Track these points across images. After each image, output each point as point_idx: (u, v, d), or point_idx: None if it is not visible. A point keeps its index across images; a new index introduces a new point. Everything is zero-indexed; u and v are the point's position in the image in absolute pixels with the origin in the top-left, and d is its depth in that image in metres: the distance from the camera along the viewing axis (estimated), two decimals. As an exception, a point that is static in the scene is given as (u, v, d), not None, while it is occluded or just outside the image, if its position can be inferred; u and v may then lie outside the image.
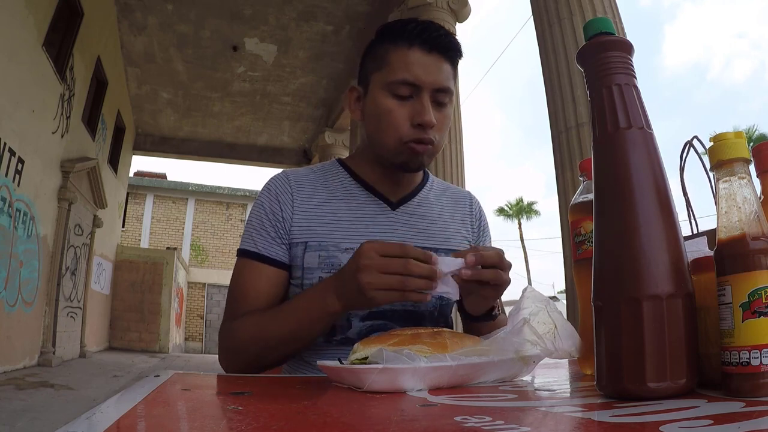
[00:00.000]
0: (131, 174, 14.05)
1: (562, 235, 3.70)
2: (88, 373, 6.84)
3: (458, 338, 0.64)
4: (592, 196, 0.53)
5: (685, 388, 0.45)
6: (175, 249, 14.88)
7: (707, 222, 0.62)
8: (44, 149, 6.60)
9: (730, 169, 0.48)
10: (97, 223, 9.41)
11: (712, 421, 0.35)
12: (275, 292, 0.93)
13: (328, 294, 0.79)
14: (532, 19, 4.44)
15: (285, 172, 1.01)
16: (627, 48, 0.52)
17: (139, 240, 16.60)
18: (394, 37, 0.91)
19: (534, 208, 32.27)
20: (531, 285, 0.71)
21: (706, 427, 0.34)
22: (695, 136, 0.66)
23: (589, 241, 0.71)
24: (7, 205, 5.68)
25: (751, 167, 0.49)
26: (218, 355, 0.94)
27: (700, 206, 0.77)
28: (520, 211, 32.10)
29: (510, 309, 0.69)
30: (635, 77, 0.52)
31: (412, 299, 0.72)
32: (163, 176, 19.26)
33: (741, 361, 0.43)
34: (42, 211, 6.76)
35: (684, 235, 0.50)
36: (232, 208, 18.03)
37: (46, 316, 7.13)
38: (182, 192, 17.57)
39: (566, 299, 3.59)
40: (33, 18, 5.84)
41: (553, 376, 0.73)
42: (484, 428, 0.35)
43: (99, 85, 8.83)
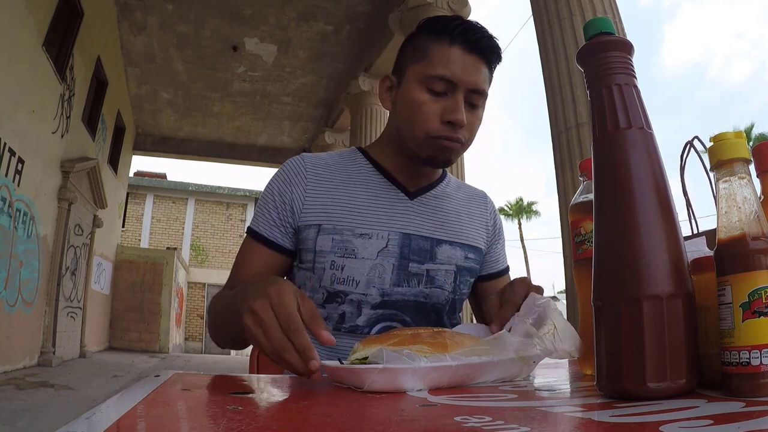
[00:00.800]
0: (131, 174, 14.05)
1: (562, 235, 3.69)
2: (88, 373, 6.84)
3: (458, 338, 0.64)
4: (592, 196, 0.53)
5: (685, 388, 0.45)
6: (175, 249, 14.88)
7: (707, 222, 0.62)
8: (44, 149, 6.60)
9: (730, 169, 0.48)
10: (97, 223, 9.41)
11: (712, 421, 0.35)
12: (267, 273, 0.93)
13: (241, 301, 0.66)
14: (532, 19, 4.44)
15: (302, 154, 1.02)
16: (627, 48, 0.52)
17: (139, 240, 16.59)
18: (437, 33, 0.91)
19: (534, 208, 32.33)
20: (531, 285, 0.71)
21: (706, 427, 0.34)
22: (696, 137, 0.66)
23: (589, 241, 0.70)
24: (7, 205, 5.68)
25: (751, 167, 0.49)
26: None
27: (700, 206, 0.77)
28: (520, 210, 32.14)
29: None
30: (635, 77, 0.52)
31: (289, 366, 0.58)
32: (163, 176, 19.26)
33: (741, 361, 0.43)
34: (42, 211, 6.76)
35: (684, 235, 0.50)
36: (232, 208, 18.02)
37: (46, 316, 7.13)
38: (182, 192, 17.57)
39: (566, 299, 3.59)
40: (33, 18, 5.84)
41: (553, 376, 0.72)
42: (484, 428, 0.35)
43: (99, 85, 8.82)
